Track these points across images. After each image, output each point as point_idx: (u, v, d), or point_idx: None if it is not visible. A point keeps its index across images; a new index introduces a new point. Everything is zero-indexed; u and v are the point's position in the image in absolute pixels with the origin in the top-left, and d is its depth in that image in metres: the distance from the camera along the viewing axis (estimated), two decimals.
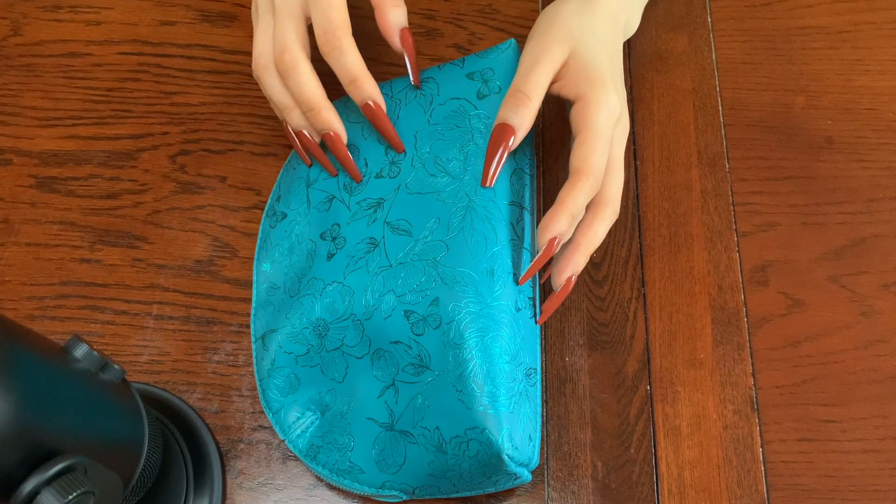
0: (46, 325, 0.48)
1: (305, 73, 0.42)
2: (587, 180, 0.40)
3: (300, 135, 0.44)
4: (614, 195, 0.42)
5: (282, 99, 0.44)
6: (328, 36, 0.41)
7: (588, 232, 0.41)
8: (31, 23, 0.57)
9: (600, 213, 0.41)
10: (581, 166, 0.40)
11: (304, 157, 0.46)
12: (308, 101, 0.42)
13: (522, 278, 0.40)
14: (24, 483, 0.28)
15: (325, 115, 0.43)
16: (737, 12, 0.57)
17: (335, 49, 0.41)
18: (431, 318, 0.39)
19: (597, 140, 0.40)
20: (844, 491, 0.44)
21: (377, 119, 0.42)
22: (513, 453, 0.38)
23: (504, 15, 0.57)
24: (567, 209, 0.39)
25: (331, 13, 0.41)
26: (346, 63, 0.41)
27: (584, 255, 0.41)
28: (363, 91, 0.42)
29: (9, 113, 0.54)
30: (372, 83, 0.42)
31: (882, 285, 0.49)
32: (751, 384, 0.46)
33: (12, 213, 0.51)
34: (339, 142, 0.43)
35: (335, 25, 0.41)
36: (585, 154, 0.40)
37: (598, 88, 0.41)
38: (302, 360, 0.42)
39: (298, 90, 0.42)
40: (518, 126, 0.40)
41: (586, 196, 0.40)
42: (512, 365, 0.39)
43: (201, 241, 0.50)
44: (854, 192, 0.51)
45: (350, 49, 0.41)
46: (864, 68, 0.55)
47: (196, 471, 0.43)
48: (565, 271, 0.41)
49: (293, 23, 0.42)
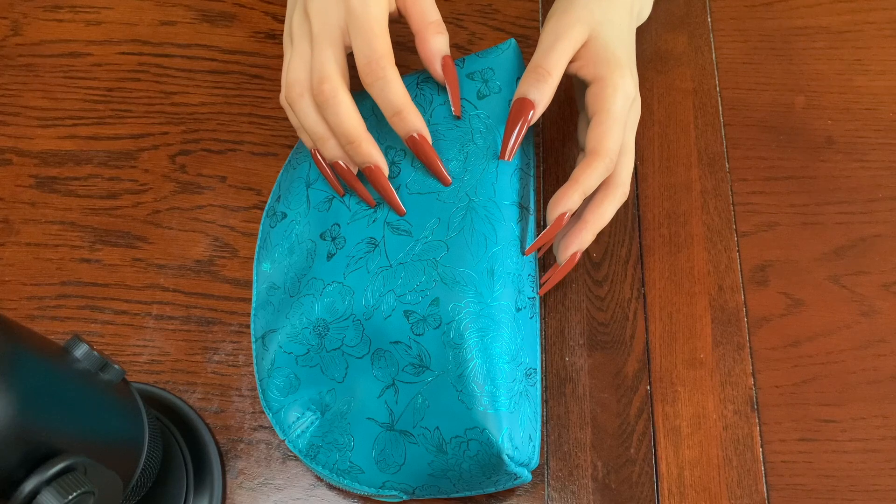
0: (46, 325, 0.48)
1: (345, 104, 0.40)
2: (602, 161, 0.40)
3: (337, 166, 0.42)
4: (625, 177, 0.43)
5: (317, 129, 0.41)
6: (372, 66, 0.39)
7: (597, 210, 0.42)
8: (31, 23, 0.57)
9: (610, 194, 0.42)
10: (597, 147, 0.41)
11: (338, 187, 0.43)
12: (348, 134, 0.40)
13: (528, 250, 0.41)
14: (24, 483, 0.28)
15: (366, 147, 0.40)
16: (737, 12, 0.57)
17: (379, 80, 0.39)
18: (431, 318, 0.39)
19: (613, 122, 0.41)
20: (844, 491, 0.44)
21: (423, 152, 0.40)
22: (513, 453, 0.38)
23: (504, 15, 0.57)
24: (580, 187, 0.40)
25: (374, 42, 0.39)
26: (389, 94, 0.39)
27: (591, 232, 0.42)
28: (408, 123, 0.40)
29: (9, 113, 0.54)
30: (417, 115, 0.40)
31: (882, 285, 0.49)
32: (751, 384, 0.46)
33: (12, 213, 0.51)
34: (382, 174, 0.41)
35: (379, 55, 0.39)
36: (601, 136, 0.41)
37: (615, 71, 0.41)
38: (302, 360, 0.42)
39: (338, 122, 0.40)
40: (538, 101, 0.41)
41: (599, 176, 0.41)
42: (512, 365, 0.39)
43: (201, 241, 0.50)
44: (854, 192, 0.51)
45: (394, 80, 0.39)
46: (864, 68, 0.55)
47: (196, 471, 0.43)
48: (571, 246, 0.42)
49: (333, 51, 0.40)
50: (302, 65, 0.41)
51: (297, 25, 0.42)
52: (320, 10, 0.40)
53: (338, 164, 0.42)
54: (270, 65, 0.55)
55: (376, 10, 0.39)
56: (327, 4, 0.40)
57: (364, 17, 0.39)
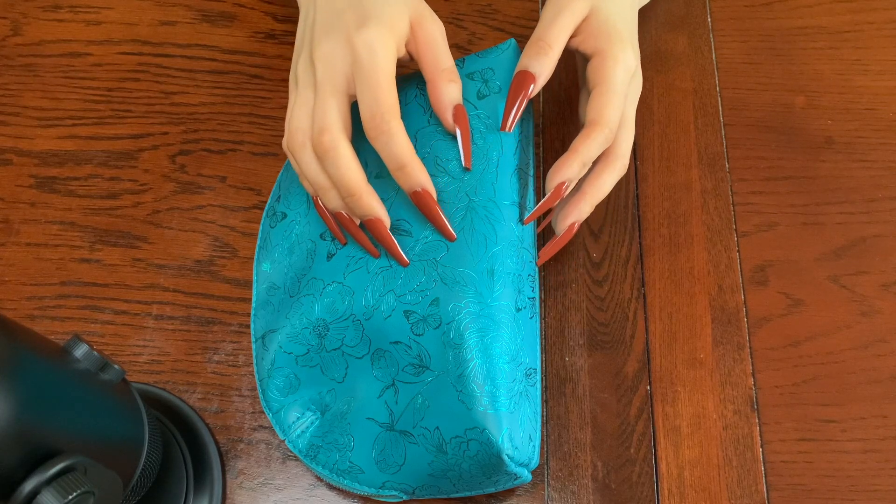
0: (46, 325, 0.48)
1: (346, 156, 0.38)
2: (601, 132, 0.40)
3: (339, 215, 0.41)
4: (625, 150, 0.43)
5: (318, 179, 0.40)
6: (376, 120, 0.38)
7: (596, 182, 0.42)
8: (31, 23, 0.57)
9: (609, 166, 0.42)
10: (596, 118, 0.41)
11: (340, 236, 0.42)
12: (348, 187, 0.39)
13: (527, 219, 0.41)
14: (24, 483, 0.28)
15: (367, 200, 0.39)
16: (737, 12, 0.57)
17: (383, 134, 0.38)
18: (431, 318, 0.39)
19: (613, 94, 0.41)
20: (844, 491, 0.44)
21: (427, 207, 0.39)
22: (513, 453, 0.38)
23: (504, 15, 0.57)
24: (579, 156, 0.40)
25: (379, 94, 0.38)
26: (394, 149, 0.38)
27: (589, 203, 0.42)
28: (412, 178, 0.39)
29: (9, 113, 0.54)
30: (422, 169, 0.39)
31: (882, 285, 0.49)
32: (751, 384, 0.46)
33: (12, 213, 0.51)
34: (383, 227, 0.40)
35: (384, 108, 0.38)
36: (601, 106, 0.41)
37: (616, 45, 0.42)
38: (302, 360, 0.42)
39: (338, 174, 0.39)
40: (538, 73, 0.41)
41: (599, 147, 0.41)
42: (512, 365, 0.39)
43: (201, 241, 0.50)
44: (854, 192, 0.51)
45: (398, 133, 0.38)
46: (864, 68, 0.55)
47: (196, 471, 0.43)
48: (569, 217, 0.42)
49: (336, 101, 0.39)
50: (304, 113, 0.40)
51: (303, 71, 0.41)
52: (326, 57, 0.39)
53: (340, 214, 0.41)
54: (270, 65, 0.55)
55: (384, 61, 0.38)
56: (334, 51, 0.39)
57: (370, 68, 0.38)
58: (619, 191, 0.51)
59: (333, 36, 0.39)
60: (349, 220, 0.41)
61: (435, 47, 0.41)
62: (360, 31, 0.38)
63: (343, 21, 0.39)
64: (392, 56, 0.39)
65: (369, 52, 0.38)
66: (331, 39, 0.39)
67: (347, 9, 0.40)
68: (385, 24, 0.39)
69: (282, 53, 0.56)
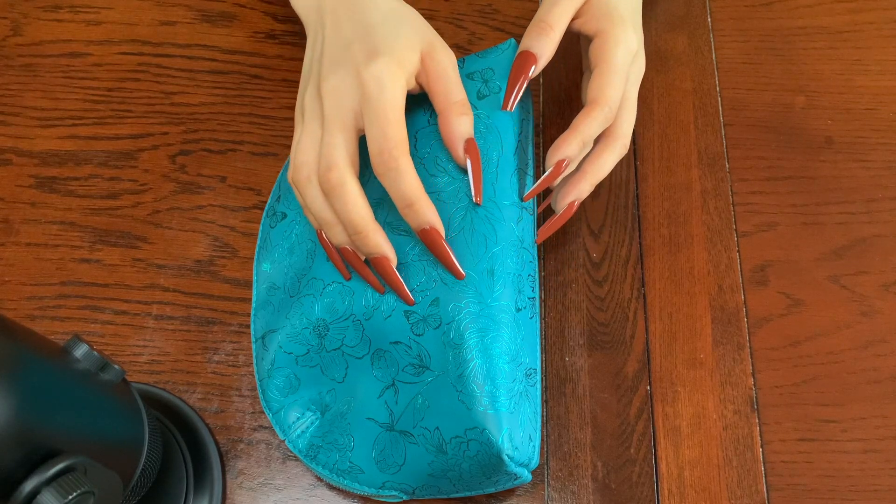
0: (46, 325, 0.48)
1: (353, 193, 0.38)
2: (601, 110, 0.41)
3: (344, 251, 0.40)
4: (626, 130, 0.43)
5: (323, 214, 0.39)
6: (384, 156, 0.37)
7: (596, 161, 0.43)
8: (31, 23, 0.57)
9: (610, 146, 0.43)
10: (596, 97, 0.41)
11: (344, 271, 0.41)
12: (354, 225, 0.38)
13: (526, 196, 0.42)
14: (24, 483, 0.28)
15: (374, 238, 0.38)
16: (737, 12, 0.57)
17: (391, 170, 0.37)
18: (431, 319, 0.39)
19: (613, 73, 0.41)
20: (844, 491, 0.44)
21: (436, 245, 0.38)
22: (513, 453, 0.38)
23: (504, 15, 0.57)
24: (579, 134, 0.41)
25: (388, 130, 0.37)
26: (402, 186, 0.37)
27: (589, 182, 0.43)
28: (420, 216, 0.38)
29: (9, 113, 0.54)
30: (430, 207, 0.38)
31: (882, 285, 0.49)
32: (751, 384, 0.46)
33: (12, 213, 0.51)
34: (389, 265, 0.39)
35: (392, 144, 0.37)
36: (602, 85, 0.41)
37: (617, 26, 0.42)
38: (302, 360, 0.42)
39: (344, 210, 0.38)
40: (540, 54, 0.41)
41: (599, 125, 0.41)
42: (512, 365, 0.39)
43: (201, 241, 0.50)
44: (854, 192, 0.51)
45: (407, 170, 0.37)
46: (864, 68, 0.55)
47: (196, 471, 0.43)
48: (569, 195, 0.43)
49: (343, 136, 0.38)
50: (311, 146, 0.39)
51: (310, 103, 0.40)
52: (334, 91, 0.38)
53: (345, 249, 0.40)
54: (270, 65, 0.55)
55: (393, 95, 0.37)
56: (342, 85, 0.38)
57: (378, 103, 0.37)
58: (619, 191, 0.51)
59: (342, 69, 0.39)
60: (354, 256, 0.40)
61: (446, 80, 0.40)
62: (369, 65, 0.38)
63: (351, 54, 0.39)
64: (401, 90, 0.38)
65: (378, 86, 0.37)
66: (339, 73, 0.39)
67: (356, 41, 0.39)
68: (395, 57, 0.38)
69: (282, 53, 0.56)
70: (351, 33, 0.40)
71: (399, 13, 0.41)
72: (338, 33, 0.40)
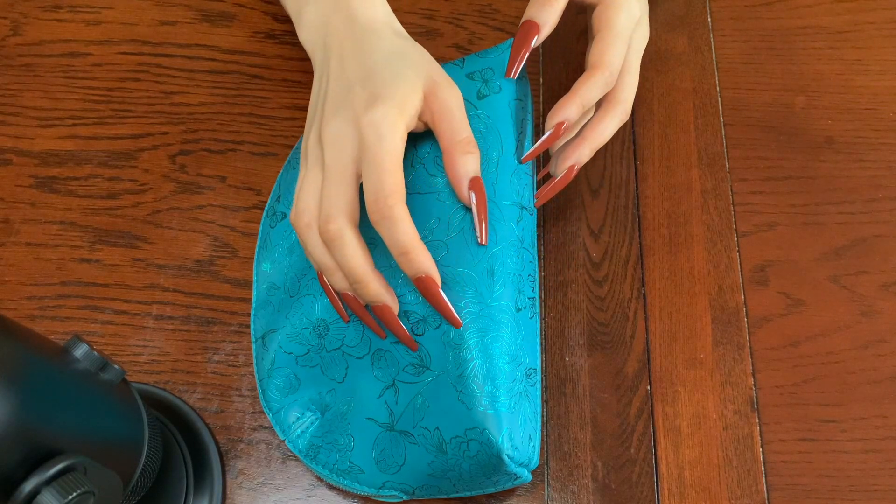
0: (46, 325, 0.48)
1: (351, 245, 0.38)
2: (602, 74, 0.41)
3: (345, 296, 0.40)
4: (627, 96, 0.43)
5: (324, 260, 0.39)
6: (379, 204, 0.37)
7: (597, 127, 0.43)
8: (31, 23, 0.57)
9: (610, 111, 0.43)
10: (597, 61, 0.41)
11: (344, 315, 0.41)
12: (354, 274, 0.38)
13: (525, 158, 0.42)
14: (24, 483, 0.28)
15: (374, 287, 0.38)
16: (737, 12, 0.57)
17: (386, 219, 0.37)
18: (431, 319, 0.39)
19: (615, 38, 0.42)
20: (844, 491, 0.44)
21: (431, 294, 0.38)
22: (513, 453, 0.38)
23: (504, 15, 0.57)
24: (578, 98, 0.41)
25: (384, 177, 0.37)
26: (397, 234, 0.37)
27: (589, 147, 0.43)
28: (415, 265, 0.38)
29: (9, 113, 0.54)
30: (425, 255, 0.38)
31: (882, 285, 0.49)
32: (751, 384, 0.46)
33: (12, 213, 0.51)
34: (391, 313, 0.39)
35: (388, 192, 0.36)
36: (602, 50, 0.41)
37: None
38: (302, 360, 0.42)
39: (343, 261, 0.38)
40: (543, 23, 0.42)
41: (599, 89, 0.41)
42: (512, 365, 0.39)
43: (201, 241, 0.50)
44: (854, 192, 0.51)
45: (402, 219, 0.37)
46: (864, 68, 0.55)
47: (196, 471, 0.43)
48: (569, 159, 0.43)
49: (343, 186, 0.38)
50: (312, 192, 0.39)
51: (313, 147, 0.40)
52: (335, 138, 0.39)
53: (347, 295, 0.40)
54: (270, 65, 0.55)
55: (391, 144, 0.37)
56: (342, 133, 0.38)
57: (376, 151, 0.37)
58: (619, 191, 0.51)
59: (342, 115, 0.39)
60: (355, 301, 0.40)
61: (451, 118, 0.39)
62: (369, 112, 0.37)
63: (352, 98, 0.39)
64: (400, 137, 0.38)
65: (376, 135, 0.37)
66: (339, 119, 0.39)
67: (357, 84, 0.39)
68: (395, 103, 0.38)
69: (282, 53, 0.56)
70: (354, 74, 0.40)
71: (402, 52, 0.41)
72: (342, 73, 0.41)
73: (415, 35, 0.56)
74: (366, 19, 0.42)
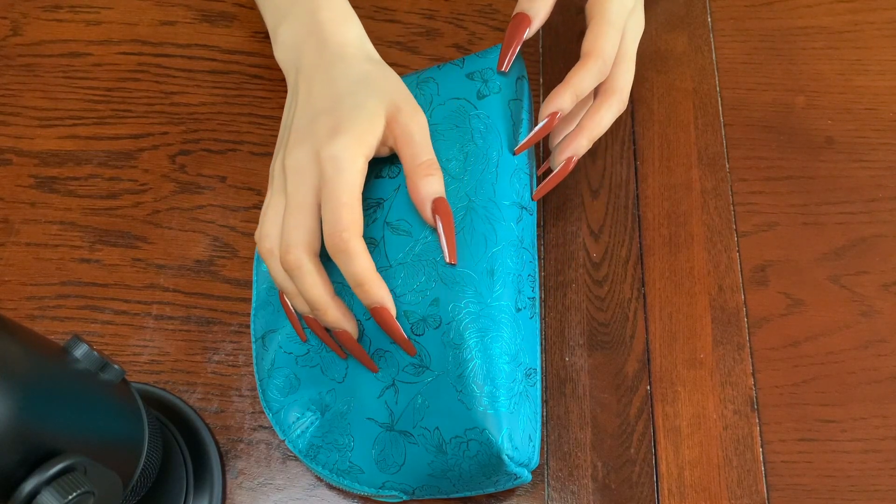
0: (46, 325, 0.48)
1: (310, 274, 0.39)
2: (595, 62, 0.41)
3: (306, 319, 0.41)
4: (623, 85, 0.43)
5: (285, 285, 0.40)
6: (335, 238, 0.37)
7: (594, 117, 0.43)
8: (31, 23, 0.57)
9: (607, 101, 0.43)
10: (590, 49, 0.41)
11: (302, 335, 0.43)
12: (313, 302, 0.39)
13: (519, 148, 0.42)
14: (24, 483, 0.28)
15: (332, 314, 0.39)
16: (737, 12, 0.57)
17: (342, 252, 0.38)
18: (431, 319, 0.39)
19: (607, 26, 0.42)
20: (844, 491, 0.44)
21: (385, 324, 0.39)
22: (513, 453, 0.38)
23: (504, 15, 0.57)
24: (571, 87, 0.41)
25: (341, 211, 0.37)
26: (353, 268, 0.38)
27: (586, 138, 0.43)
28: (370, 296, 0.38)
29: (9, 113, 0.54)
30: (380, 286, 0.38)
31: (882, 285, 0.49)
32: (751, 384, 0.46)
33: (12, 213, 0.51)
34: (350, 338, 0.40)
35: (343, 227, 0.37)
36: (595, 38, 0.42)
37: None
38: (302, 360, 0.42)
39: (303, 290, 0.39)
40: (535, 15, 0.42)
41: (592, 78, 0.41)
42: (512, 365, 0.39)
43: (201, 241, 0.50)
44: (854, 192, 0.51)
45: (358, 253, 0.38)
46: (864, 68, 0.55)
47: (196, 471, 0.43)
48: (566, 151, 0.43)
49: (303, 217, 0.39)
50: (274, 220, 0.40)
51: (277, 175, 0.41)
52: (296, 169, 0.39)
53: (309, 318, 0.41)
54: (270, 65, 0.55)
55: (349, 177, 0.38)
56: (303, 164, 0.39)
57: (334, 185, 0.38)
58: (619, 191, 0.51)
59: (304, 146, 0.39)
60: (315, 323, 0.41)
61: (412, 143, 0.40)
62: (329, 145, 0.38)
63: (316, 128, 0.39)
64: (359, 170, 0.38)
65: (335, 168, 0.38)
66: (302, 149, 0.39)
67: (322, 114, 0.40)
68: (355, 135, 0.38)
69: None
70: (319, 103, 0.40)
71: (368, 79, 0.41)
72: (308, 101, 0.41)
73: (415, 35, 0.56)
74: (336, 44, 0.42)
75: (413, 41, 0.56)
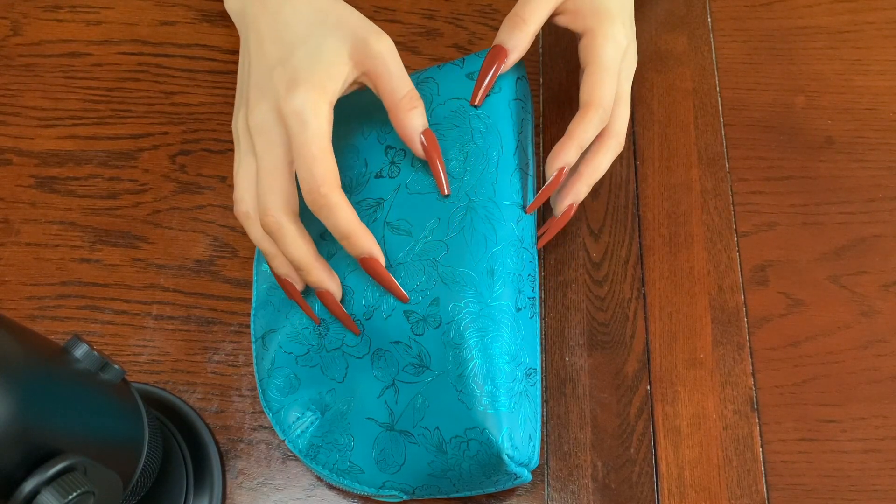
0: (46, 325, 0.48)
1: (291, 234, 0.38)
2: (596, 113, 0.41)
3: (284, 282, 0.41)
4: (620, 128, 0.43)
5: (264, 245, 0.40)
6: (314, 194, 0.36)
7: (592, 162, 0.43)
8: (31, 23, 0.57)
9: (605, 145, 0.43)
10: (590, 99, 0.41)
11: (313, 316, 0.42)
12: (296, 262, 0.39)
13: (530, 207, 0.42)
14: (24, 483, 0.28)
15: (316, 273, 0.39)
16: (737, 12, 0.57)
17: (323, 208, 0.37)
18: (431, 318, 0.39)
19: (604, 73, 0.41)
20: (844, 491, 0.44)
21: (376, 273, 0.39)
22: (513, 453, 0.38)
23: (504, 15, 0.57)
24: (576, 140, 0.41)
25: (315, 168, 0.36)
26: (336, 221, 0.37)
27: (586, 184, 0.43)
28: (357, 247, 0.38)
29: (9, 113, 0.54)
30: (367, 236, 0.38)
31: (882, 285, 0.49)
32: (751, 384, 0.46)
33: (12, 213, 0.51)
34: (333, 299, 0.40)
35: (320, 182, 0.36)
36: (593, 87, 0.41)
37: (605, 22, 0.41)
38: (302, 360, 0.42)
39: (286, 251, 0.39)
40: (512, 48, 0.41)
41: (595, 128, 0.41)
42: (512, 365, 0.39)
43: (201, 241, 0.50)
44: (854, 192, 0.51)
45: (339, 205, 0.37)
46: (864, 68, 0.55)
47: (196, 471, 0.43)
48: (567, 198, 0.43)
49: (276, 179, 0.38)
50: (247, 182, 0.39)
51: (243, 135, 0.40)
52: (262, 128, 0.38)
53: (286, 282, 0.41)
54: None
55: (315, 130, 0.36)
56: (267, 122, 0.38)
57: (302, 139, 0.36)
58: (619, 191, 0.51)
59: (265, 102, 0.38)
60: (291, 286, 0.41)
61: (388, 77, 0.38)
62: (289, 98, 0.37)
63: (273, 82, 0.38)
64: (325, 119, 0.37)
65: (300, 122, 0.36)
66: (262, 106, 0.38)
67: (278, 65, 0.38)
68: (315, 84, 0.37)
69: None
70: (273, 56, 0.39)
71: (322, 17, 0.39)
72: (261, 54, 0.40)
73: (415, 35, 0.56)
74: None
75: (413, 41, 0.56)
